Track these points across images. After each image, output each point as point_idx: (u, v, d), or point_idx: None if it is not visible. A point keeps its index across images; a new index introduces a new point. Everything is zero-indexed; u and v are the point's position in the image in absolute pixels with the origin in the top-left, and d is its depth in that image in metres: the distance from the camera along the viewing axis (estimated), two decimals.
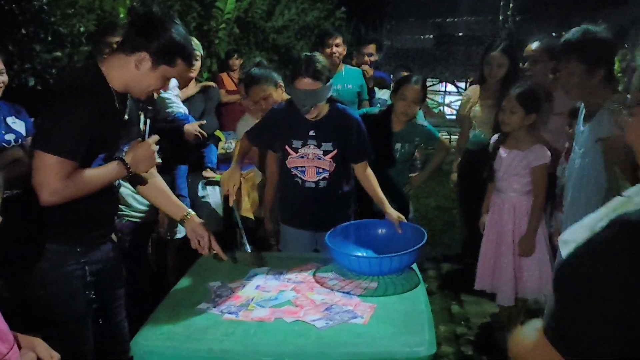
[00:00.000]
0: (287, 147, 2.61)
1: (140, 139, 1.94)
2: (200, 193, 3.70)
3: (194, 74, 3.90)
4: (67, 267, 1.88)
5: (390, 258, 2.14)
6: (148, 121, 1.97)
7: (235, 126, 3.84)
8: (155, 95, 3.07)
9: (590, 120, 2.29)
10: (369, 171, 2.67)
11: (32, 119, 2.77)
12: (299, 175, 2.63)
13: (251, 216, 3.87)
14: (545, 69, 3.27)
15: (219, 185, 3.89)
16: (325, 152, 2.59)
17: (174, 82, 3.28)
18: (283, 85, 3.17)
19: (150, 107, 2.00)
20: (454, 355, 3.14)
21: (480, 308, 3.70)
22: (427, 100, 3.90)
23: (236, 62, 5.39)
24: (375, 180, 2.66)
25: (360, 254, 2.34)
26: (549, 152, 2.93)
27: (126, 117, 1.95)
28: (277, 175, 2.88)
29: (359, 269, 2.18)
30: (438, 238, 5.03)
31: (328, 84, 2.47)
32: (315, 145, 2.58)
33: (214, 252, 2.14)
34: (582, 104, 2.42)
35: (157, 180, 2.15)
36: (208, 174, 3.87)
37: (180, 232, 3.38)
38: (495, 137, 3.18)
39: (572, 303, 0.87)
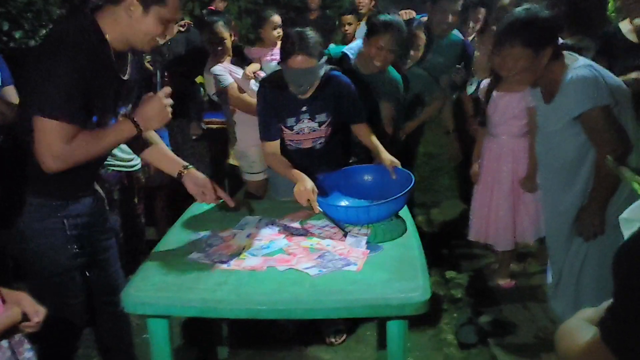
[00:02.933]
0: (281, 126, 2.51)
1: (152, 93, 1.81)
2: None
3: None
4: (46, 221, 1.82)
5: (378, 206, 2.09)
6: (159, 73, 1.86)
7: None
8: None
9: (551, 98, 2.20)
10: (368, 131, 2.59)
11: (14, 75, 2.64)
12: (294, 145, 2.57)
13: (238, 164, 3.82)
14: None
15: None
16: (321, 123, 2.52)
17: None
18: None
19: (160, 58, 1.88)
20: (445, 299, 3.18)
21: (469, 252, 3.73)
22: None
23: (220, 4, 5.19)
24: (368, 128, 2.59)
25: (344, 203, 2.31)
26: None
27: (126, 77, 1.84)
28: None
29: (347, 219, 2.13)
30: (427, 184, 5.03)
31: (322, 59, 2.33)
32: (308, 119, 2.50)
33: (221, 200, 2.11)
34: None
35: (150, 134, 2.06)
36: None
37: None
38: (485, 81, 3.12)
39: (636, 290, 0.73)
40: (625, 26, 2.94)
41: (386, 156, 2.43)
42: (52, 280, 1.87)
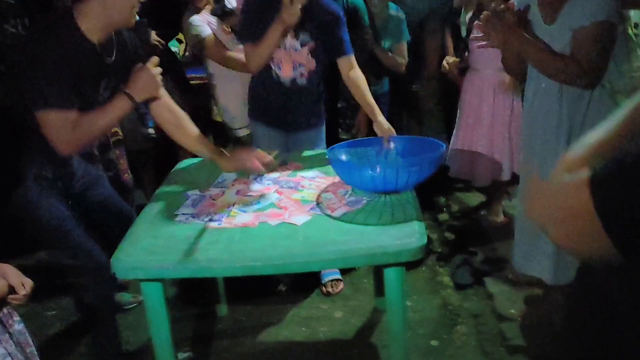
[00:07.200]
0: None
1: (140, 64, 1.90)
2: None
3: None
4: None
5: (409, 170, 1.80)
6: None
7: None
8: None
9: (554, 17, 2.01)
10: (357, 73, 2.44)
11: None
12: (274, 69, 2.46)
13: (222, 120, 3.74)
14: None
15: None
16: (302, 44, 2.42)
17: None
18: None
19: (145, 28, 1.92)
20: (438, 242, 3.19)
21: (460, 193, 3.73)
22: None
23: None
24: (365, 84, 2.43)
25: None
26: None
27: (112, 59, 1.88)
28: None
29: (366, 183, 1.87)
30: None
31: None
32: (291, 35, 2.40)
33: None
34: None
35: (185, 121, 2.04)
36: None
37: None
38: (469, 15, 3.03)
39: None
40: None
41: (383, 121, 2.26)
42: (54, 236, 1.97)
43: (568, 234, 0.76)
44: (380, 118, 2.29)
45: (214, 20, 3.28)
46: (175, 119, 2.01)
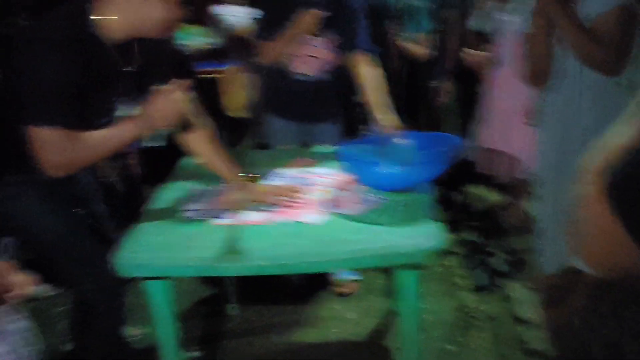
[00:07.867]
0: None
1: (161, 87, 1.60)
2: None
3: None
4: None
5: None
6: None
7: None
8: None
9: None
10: (365, 69, 2.32)
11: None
12: (292, 64, 2.38)
13: (243, 115, 3.69)
14: None
15: None
16: (322, 39, 2.33)
17: None
18: None
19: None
20: (455, 242, 3.10)
21: (478, 192, 3.63)
22: None
23: None
24: (372, 82, 2.31)
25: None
26: None
27: (130, 67, 1.65)
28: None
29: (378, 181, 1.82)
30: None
31: None
32: None
33: None
34: None
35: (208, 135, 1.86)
36: None
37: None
38: (489, 5, 2.94)
39: None
40: None
41: (385, 117, 2.16)
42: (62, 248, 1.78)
43: (600, 253, 0.67)
44: (381, 116, 2.19)
45: (236, 8, 3.22)
46: (211, 155, 1.85)
